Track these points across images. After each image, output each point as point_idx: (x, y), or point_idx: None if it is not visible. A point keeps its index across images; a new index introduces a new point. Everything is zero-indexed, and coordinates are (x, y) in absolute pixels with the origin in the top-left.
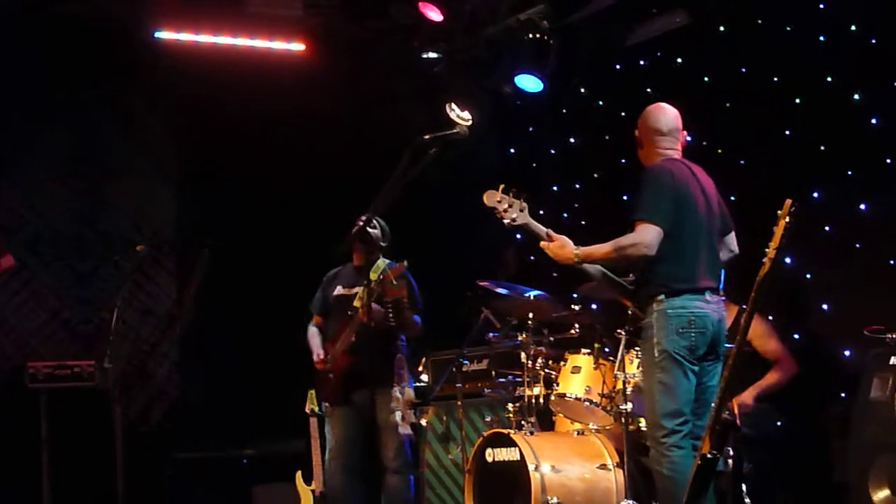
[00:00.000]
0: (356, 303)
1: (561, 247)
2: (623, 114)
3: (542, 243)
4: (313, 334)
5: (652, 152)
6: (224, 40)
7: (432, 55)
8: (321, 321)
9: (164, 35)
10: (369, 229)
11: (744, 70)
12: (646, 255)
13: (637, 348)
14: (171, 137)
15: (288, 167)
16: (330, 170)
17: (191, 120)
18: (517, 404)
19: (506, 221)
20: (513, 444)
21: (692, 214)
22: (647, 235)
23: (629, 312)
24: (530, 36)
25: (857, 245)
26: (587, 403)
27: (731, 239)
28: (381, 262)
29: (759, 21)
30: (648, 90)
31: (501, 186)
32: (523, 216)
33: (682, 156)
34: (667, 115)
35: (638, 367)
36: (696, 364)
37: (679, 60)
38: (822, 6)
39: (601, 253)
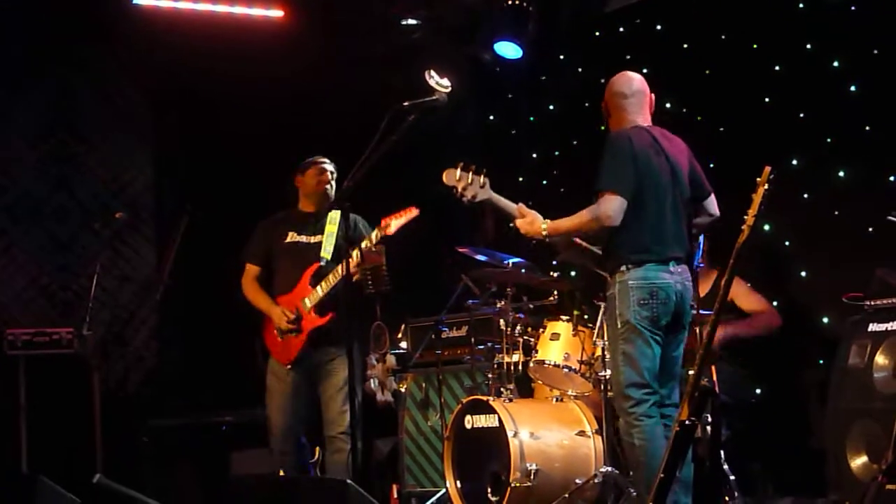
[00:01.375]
0: (323, 254)
1: (530, 223)
2: (602, 81)
3: (515, 222)
4: (256, 290)
5: (619, 119)
6: (203, 7)
7: (411, 22)
8: (259, 272)
9: (143, 1)
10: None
11: (723, 37)
12: (610, 226)
13: None
14: (149, 104)
15: (266, 133)
16: (308, 136)
17: (169, 86)
18: (496, 371)
19: (464, 200)
20: (492, 410)
21: (655, 182)
22: (609, 206)
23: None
24: (509, 3)
25: (836, 212)
26: (566, 370)
27: (711, 202)
28: (336, 213)
29: None
30: (628, 57)
31: (460, 164)
32: (484, 192)
33: (652, 121)
34: (631, 80)
35: None
36: (660, 334)
37: (658, 27)
38: None
39: (567, 226)
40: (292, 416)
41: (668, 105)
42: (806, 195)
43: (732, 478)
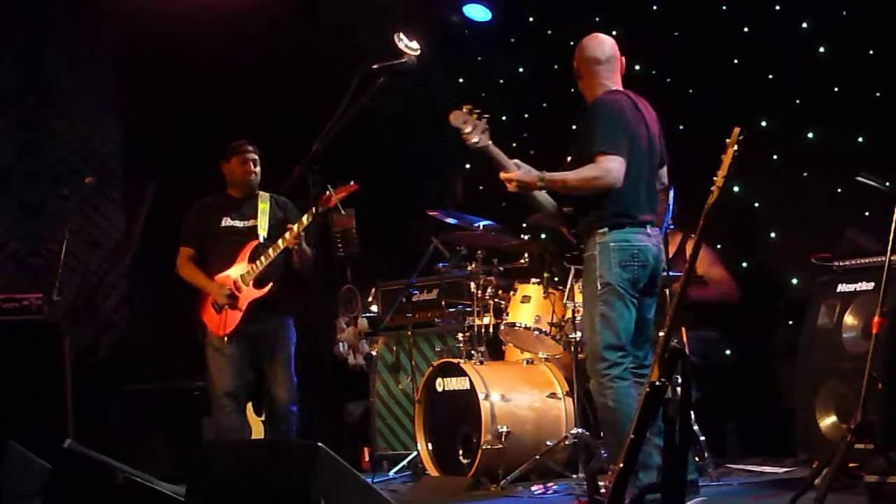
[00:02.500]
0: (260, 232)
1: (526, 172)
2: (572, 43)
3: (504, 174)
4: (192, 269)
5: (593, 83)
6: None
7: None
8: (193, 254)
9: None
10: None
11: None
12: (613, 186)
13: None
14: (118, 68)
15: (235, 97)
16: (277, 100)
17: (137, 50)
18: (467, 334)
19: (469, 143)
20: (463, 373)
21: (638, 147)
22: (613, 165)
23: (578, 243)
24: None
25: (805, 174)
26: (537, 332)
27: (664, 172)
28: (264, 194)
29: None
30: (597, 19)
31: (467, 107)
32: (485, 139)
33: (623, 84)
34: (603, 43)
35: None
36: (637, 296)
37: None
38: None
39: (567, 180)
40: (233, 380)
41: (637, 67)
42: (775, 156)
43: (703, 438)
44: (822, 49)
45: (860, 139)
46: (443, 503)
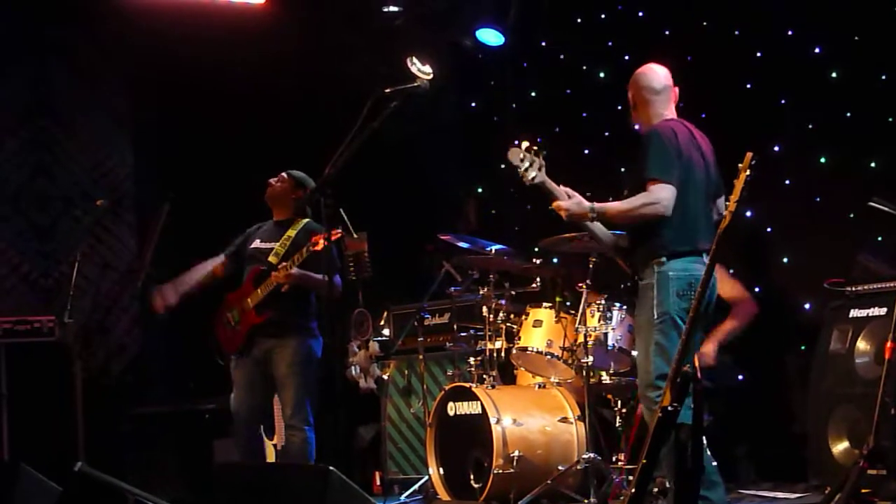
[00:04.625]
0: (271, 258)
1: (577, 203)
2: (584, 67)
3: (556, 203)
4: (196, 269)
5: (648, 113)
6: None
7: (393, 8)
8: (223, 263)
9: None
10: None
11: (705, 23)
12: (663, 214)
13: (599, 302)
14: (129, 90)
15: (247, 120)
16: (290, 123)
17: (149, 72)
18: (479, 358)
19: (526, 180)
20: (474, 397)
21: (694, 176)
22: (663, 194)
23: (590, 266)
24: None
25: (817, 198)
26: (548, 357)
27: (722, 203)
28: (303, 221)
29: None
30: (609, 43)
31: (525, 144)
32: (541, 175)
33: (677, 114)
34: (658, 73)
35: (599, 321)
36: None
37: (640, 14)
38: None
39: (616, 210)
40: (238, 401)
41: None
42: (787, 181)
43: (714, 463)
44: (834, 74)
45: (873, 164)
46: None
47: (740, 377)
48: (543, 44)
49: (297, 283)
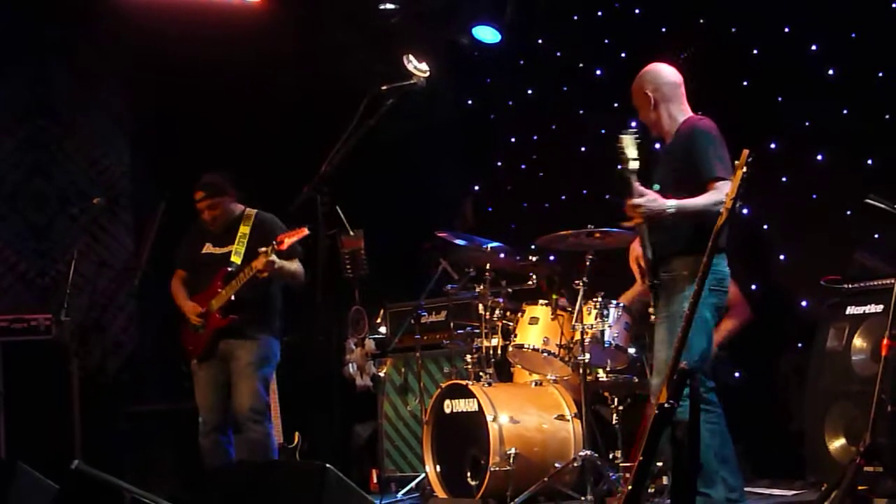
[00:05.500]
0: (234, 259)
1: (654, 200)
2: (581, 65)
3: (634, 200)
4: (178, 288)
5: (677, 108)
6: None
7: (389, 6)
8: (185, 275)
9: None
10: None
11: (701, 21)
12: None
13: (595, 299)
14: (127, 89)
15: (244, 118)
16: (286, 121)
17: (147, 71)
18: (475, 355)
19: (626, 165)
20: (471, 395)
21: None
22: (728, 191)
23: (587, 263)
24: None
25: (814, 196)
26: (545, 354)
27: None
28: (251, 214)
29: None
30: (606, 41)
31: (635, 133)
32: (635, 165)
33: None
34: (672, 69)
35: (595, 319)
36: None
37: (637, 11)
38: None
39: (693, 207)
40: (205, 402)
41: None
42: (784, 179)
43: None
44: (831, 71)
45: (869, 161)
46: None
47: (737, 374)
48: (540, 41)
49: (275, 273)
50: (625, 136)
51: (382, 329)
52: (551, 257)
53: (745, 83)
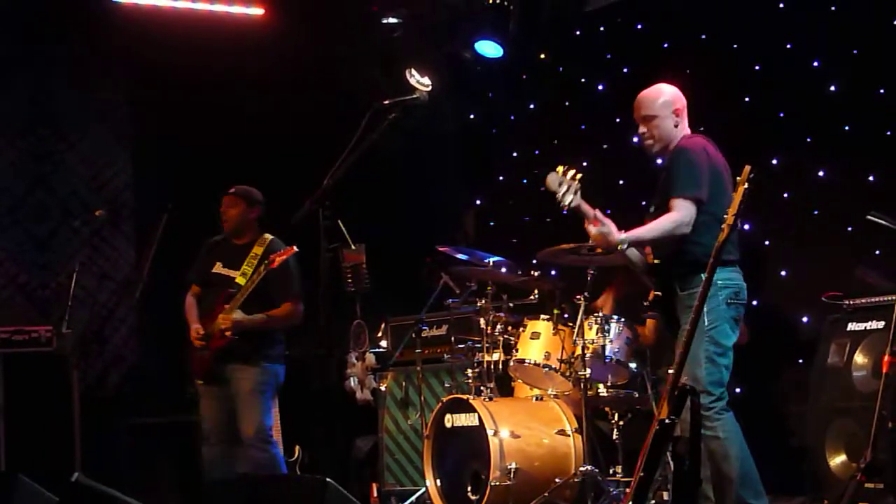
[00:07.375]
0: (238, 280)
1: (607, 233)
2: (583, 80)
3: (587, 226)
4: (191, 305)
5: (677, 129)
6: (183, 4)
7: (392, 20)
8: (199, 291)
9: None
10: None
11: (703, 36)
12: (685, 233)
13: (596, 314)
14: (129, 101)
15: (246, 131)
16: (288, 134)
17: (149, 83)
18: (476, 370)
19: (563, 205)
20: (472, 409)
21: (727, 189)
22: (683, 212)
23: (588, 279)
24: (490, 2)
25: (816, 212)
26: (546, 369)
27: None
28: (268, 239)
29: None
30: (608, 56)
31: (561, 169)
32: (577, 199)
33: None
34: (673, 89)
35: (597, 334)
36: (736, 332)
37: (639, 26)
38: None
39: (648, 236)
40: (208, 416)
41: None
42: (786, 194)
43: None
44: (833, 87)
45: (871, 177)
46: None
47: (738, 390)
48: (542, 56)
49: (243, 330)
50: (549, 176)
51: (383, 343)
52: (553, 272)
53: (746, 99)
